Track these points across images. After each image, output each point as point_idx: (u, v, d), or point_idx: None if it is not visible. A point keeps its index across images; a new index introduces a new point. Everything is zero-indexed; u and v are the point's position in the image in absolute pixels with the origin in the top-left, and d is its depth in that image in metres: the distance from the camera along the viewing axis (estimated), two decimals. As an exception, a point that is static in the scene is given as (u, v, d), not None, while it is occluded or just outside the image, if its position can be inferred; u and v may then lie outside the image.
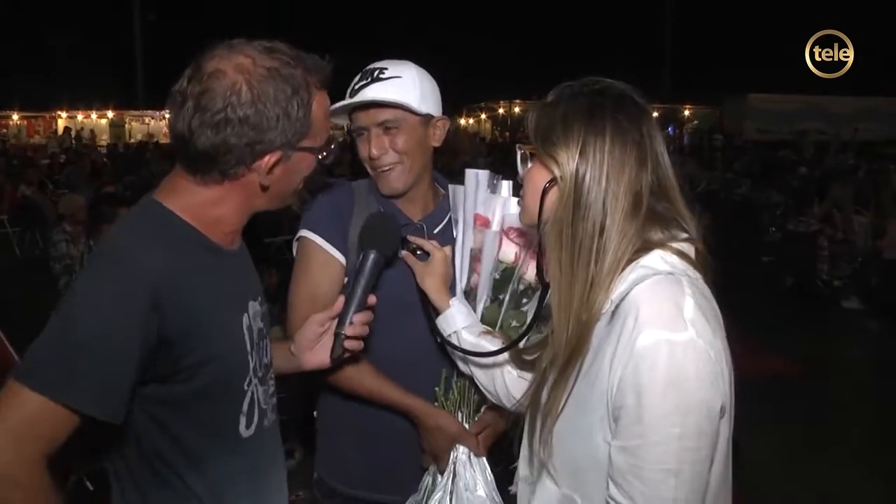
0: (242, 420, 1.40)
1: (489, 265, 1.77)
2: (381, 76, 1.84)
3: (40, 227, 10.99)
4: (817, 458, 4.66)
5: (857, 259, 8.59)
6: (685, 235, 1.31)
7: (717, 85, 24.71)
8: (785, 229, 9.31)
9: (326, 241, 1.88)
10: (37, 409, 1.15)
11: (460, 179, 1.89)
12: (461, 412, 1.86)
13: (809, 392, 5.73)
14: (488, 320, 1.78)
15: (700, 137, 23.26)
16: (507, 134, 26.95)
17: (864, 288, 8.29)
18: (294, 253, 1.94)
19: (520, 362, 1.57)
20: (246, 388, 1.41)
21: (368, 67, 1.88)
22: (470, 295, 1.83)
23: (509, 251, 1.77)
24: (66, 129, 24.48)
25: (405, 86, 1.84)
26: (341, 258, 1.88)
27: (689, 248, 1.30)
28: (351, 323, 1.57)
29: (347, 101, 1.83)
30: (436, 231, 1.95)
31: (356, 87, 1.85)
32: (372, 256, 1.63)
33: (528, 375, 1.53)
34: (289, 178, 1.40)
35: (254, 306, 1.46)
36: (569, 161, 1.27)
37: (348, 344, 1.58)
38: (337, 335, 1.58)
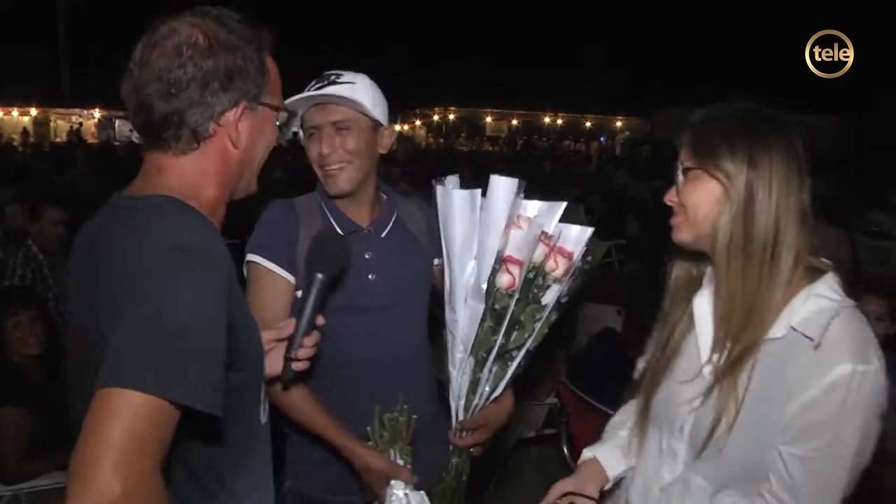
0: (262, 407, 1.38)
1: (526, 266, 1.76)
2: (338, 80, 1.90)
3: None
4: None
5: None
6: (829, 262, 1.38)
7: (649, 97, 25.33)
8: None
9: (273, 262, 1.89)
10: (145, 412, 1.00)
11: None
12: (393, 449, 1.85)
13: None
14: (516, 318, 1.78)
15: (632, 147, 23.86)
16: (442, 140, 27.15)
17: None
18: (245, 274, 1.91)
19: None
20: (264, 372, 1.42)
21: (325, 73, 1.94)
22: (495, 296, 1.77)
23: (540, 251, 1.77)
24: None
25: (359, 90, 1.90)
26: (290, 277, 1.90)
27: (840, 277, 1.38)
28: (301, 346, 1.56)
29: (307, 93, 1.88)
30: (383, 235, 2.01)
31: (312, 88, 1.90)
32: (318, 278, 1.58)
33: None
34: (255, 138, 1.33)
35: None
36: (738, 171, 1.32)
37: (297, 366, 1.57)
38: (287, 359, 1.56)
